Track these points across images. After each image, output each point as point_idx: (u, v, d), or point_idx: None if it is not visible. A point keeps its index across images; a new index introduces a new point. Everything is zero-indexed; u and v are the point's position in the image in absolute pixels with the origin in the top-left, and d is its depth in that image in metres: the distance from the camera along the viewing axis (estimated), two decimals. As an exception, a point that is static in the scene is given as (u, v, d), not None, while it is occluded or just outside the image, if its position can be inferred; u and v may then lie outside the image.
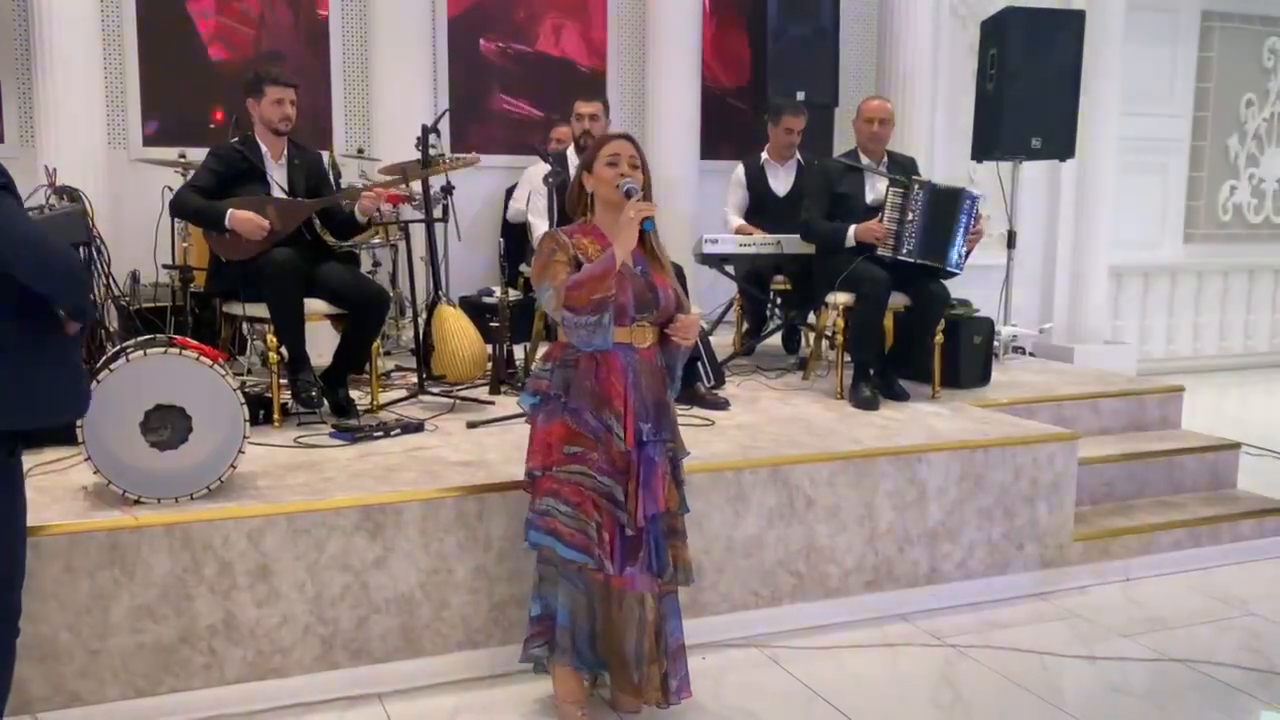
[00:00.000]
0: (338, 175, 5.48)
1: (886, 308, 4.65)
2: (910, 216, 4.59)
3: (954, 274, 4.68)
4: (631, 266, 2.86)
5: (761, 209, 5.66)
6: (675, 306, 2.92)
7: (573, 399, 2.82)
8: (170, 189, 4.68)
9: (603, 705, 3.05)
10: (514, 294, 5.06)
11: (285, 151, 4.33)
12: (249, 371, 4.97)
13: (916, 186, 4.63)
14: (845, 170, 4.90)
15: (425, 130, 4.54)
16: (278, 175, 4.29)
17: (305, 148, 4.48)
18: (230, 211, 4.04)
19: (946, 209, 4.61)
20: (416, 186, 4.69)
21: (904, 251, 4.59)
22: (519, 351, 5.05)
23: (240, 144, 4.28)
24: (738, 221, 5.64)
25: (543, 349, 3.62)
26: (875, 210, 4.73)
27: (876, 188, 4.83)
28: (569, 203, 3.03)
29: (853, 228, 4.69)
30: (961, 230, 4.60)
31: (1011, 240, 6.29)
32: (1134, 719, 3.15)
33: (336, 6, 6.40)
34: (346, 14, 6.43)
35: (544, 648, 2.95)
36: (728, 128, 7.20)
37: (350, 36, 6.44)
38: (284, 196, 4.24)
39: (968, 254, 4.67)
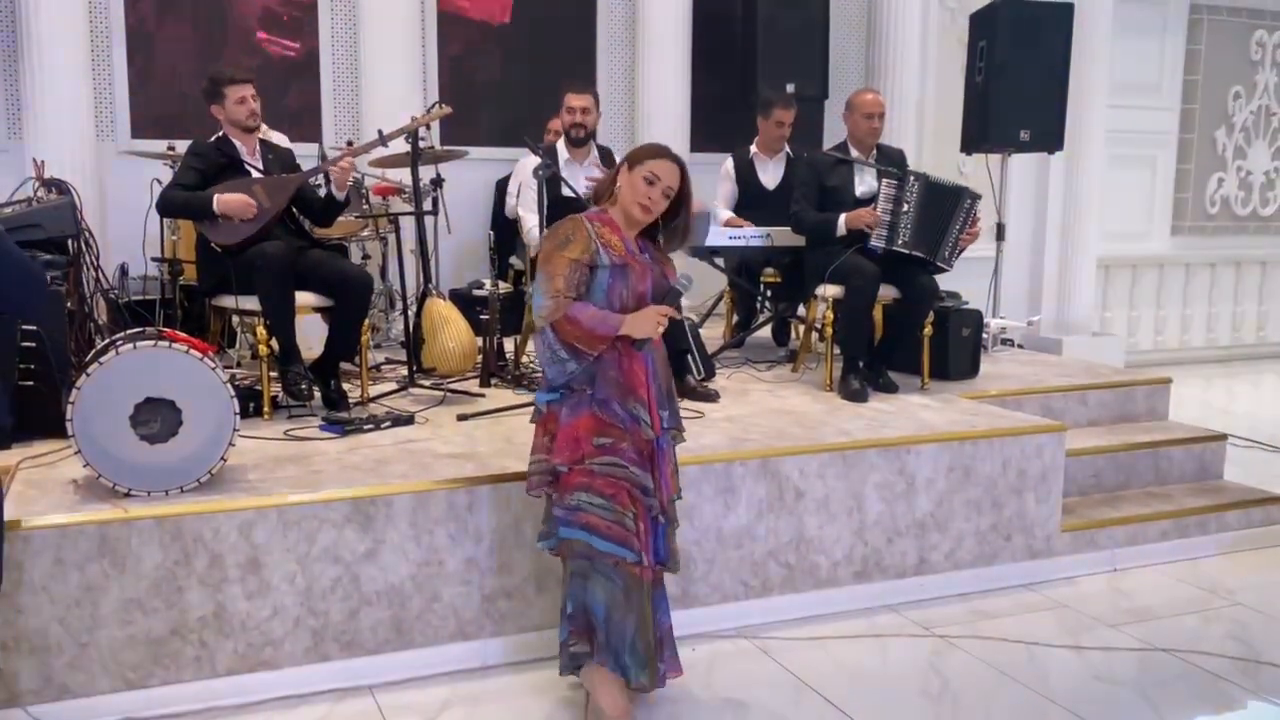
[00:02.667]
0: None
1: (876, 300, 4.66)
2: (905, 208, 4.60)
3: (944, 270, 4.69)
4: (640, 254, 2.88)
5: (750, 202, 5.65)
6: None
7: (600, 390, 2.81)
8: (159, 182, 4.66)
9: (644, 705, 3.00)
10: (504, 287, 5.06)
11: (258, 149, 4.42)
12: (239, 364, 4.96)
13: (911, 178, 4.64)
14: (835, 163, 4.90)
15: (414, 121, 4.53)
16: (255, 168, 4.35)
17: (275, 145, 4.60)
18: (216, 196, 4.10)
19: (945, 205, 4.60)
20: (406, 179, 4.68)
21: (898, 242, 4.60)
22: (509, 344, 5.05)
23: (217, 141, 4.35)
24: (727, 214, 5.65)
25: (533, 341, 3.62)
26: (865, 203, 4.73)
27: (866, 180, 4.84)
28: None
29: (843, 216, 4.69)
30: (958, 228, 4.62)
31: (1000, 232, 6.31)
32: (1121, 708, 3.17)
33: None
34: (335, 4, 6.41)
35: (582, 645, 2.88)
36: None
37: (339, 27, 6.42)
38: (266, 176, 4.31)
39: (961, 252, 4.68)
